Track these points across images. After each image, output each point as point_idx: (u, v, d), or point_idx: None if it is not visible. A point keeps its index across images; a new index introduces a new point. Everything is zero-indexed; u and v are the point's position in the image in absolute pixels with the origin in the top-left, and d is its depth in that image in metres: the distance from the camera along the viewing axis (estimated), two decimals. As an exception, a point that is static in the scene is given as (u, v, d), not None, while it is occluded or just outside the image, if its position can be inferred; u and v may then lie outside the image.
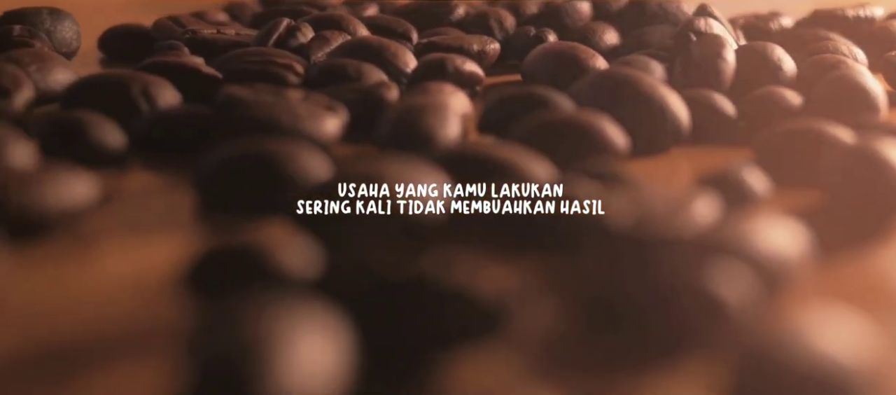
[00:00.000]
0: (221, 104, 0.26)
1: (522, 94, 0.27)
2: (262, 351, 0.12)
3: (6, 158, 0.21)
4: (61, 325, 0.16)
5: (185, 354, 0.13)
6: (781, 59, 0.32)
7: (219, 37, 0.35)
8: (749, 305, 0.15)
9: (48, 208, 0.19)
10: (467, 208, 0.20)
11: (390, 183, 0.19)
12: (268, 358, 0.12)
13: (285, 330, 0.13)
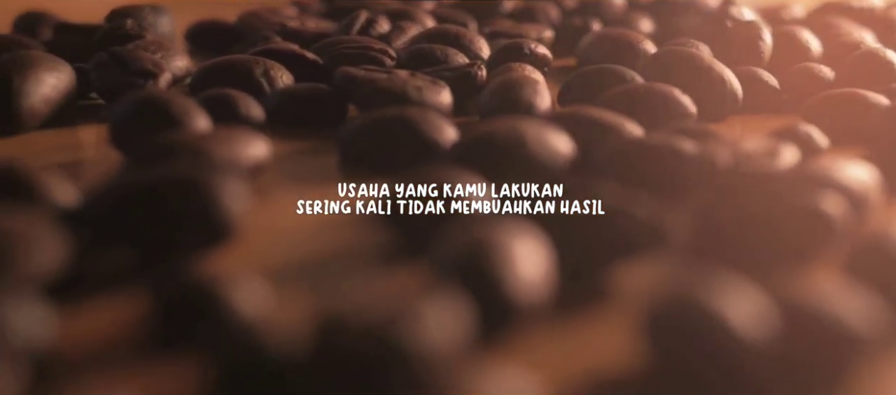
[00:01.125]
0: (341, 82, 0.29)
1: (599, 70, 0.30)
2: (502, 253, 0.15)
3: (192, 123, 0.24)
4: (289, 248, 0.19)
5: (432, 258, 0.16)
6: (809, 41, 0.36)
7: (304, 28, 0.38)
8: (847, 220, 0.19)
9: (242, 162, 0.22)
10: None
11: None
12: (507, 259, 0.15)
13: (513, 239, 0.16)
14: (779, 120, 0.29)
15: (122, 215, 0.18)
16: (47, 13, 0.41)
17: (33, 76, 0.27)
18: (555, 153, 0.22)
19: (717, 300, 0.14)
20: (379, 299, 0.13)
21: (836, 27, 0.39)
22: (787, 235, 0.18)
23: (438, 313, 0.13)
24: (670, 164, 0.22)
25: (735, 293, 0.14)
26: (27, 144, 0.27)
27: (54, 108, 0.28)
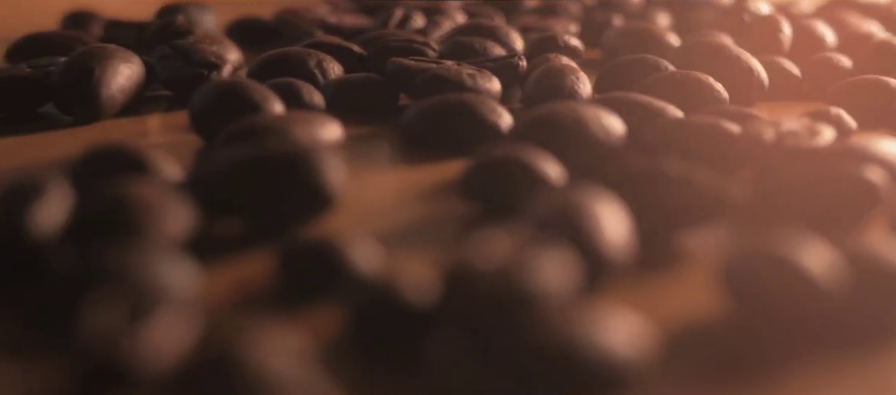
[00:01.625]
0: (394, 71, 0.31)
1: (635, 60, 0.32)
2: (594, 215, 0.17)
3: (270, 108, 0.25)
4: (380, 216, 0.21)
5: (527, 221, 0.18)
6: (824, 32, 0.37)
7: (343, 24, 0.40)
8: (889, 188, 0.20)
9: (316, 142, 0.24)
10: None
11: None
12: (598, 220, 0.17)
13: (600, 204, 0.18)
14: (803, 106, 0.31)
15: (236, 186, 0.19)
16: (93, 11, 0.42)
17: (111, 67, 0.29)
18: (611, 132, 0.24)
19: (794, 252, 0.16)
20: (498, 251, 0.15)
21: (845, 20, 0.41)
22: (836, 201, 0.20)
23: (551, 262, 0.15)
24: (719, 141, 0.23)
25: (807, 246, 0.16)
26: (106, 130, 0.28)
27: (128, 97, 0.29)
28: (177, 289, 0.15)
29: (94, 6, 0.44)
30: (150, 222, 0.17)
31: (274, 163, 0.19)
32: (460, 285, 0.14)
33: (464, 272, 0.14)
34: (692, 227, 0.19)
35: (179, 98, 0.31)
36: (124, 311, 0.14)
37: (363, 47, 0.35)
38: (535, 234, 0.17)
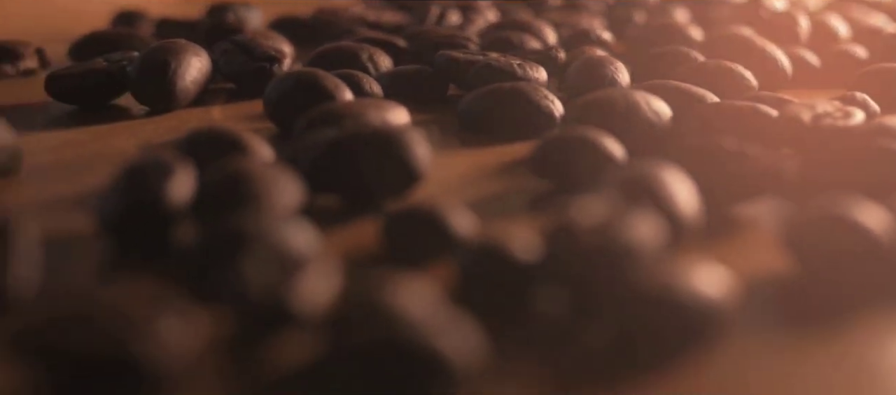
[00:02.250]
0: (444, 63, 0.32)
1: (666, 51, 0.34)
2: (669, 184, 0.19)
3: (342, 96, 0.27)
4: (458, 191, 0.23)
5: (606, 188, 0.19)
6: (838, 26, 0.39)
7: (382, 20, 0.41)
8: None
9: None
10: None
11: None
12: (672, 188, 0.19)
13: (669, 174, 0.19)
14: (825, 94, 0.33)
15: (334, 163, 0.21)
16: (141, 10, 0.44)
17: (185, 61, 0.30)
18: (661, 114, 0.26)
19: (852, 211, 0.17)
20: (596, 212, 0.17)
21: (854, 15, 0.43)
22: (875, 172, 0.22)
23: (641, 222, 0.17)
24: (758, 123, 0.25)
25: (862, 207, 0.18)
26: (179, 120, 0.30)
27: (199, 89, 0.31)
28: (308, 249, 0.17)
29: (140, 6, 0.45)
30: (268, 193, 0.19)
31: (369, 142, 0.21)
32: (565, 240, 0.16)
33: (568, 229, 0.16)
34: (749, 198, 0.21)
35: (241, 90, 0.33)
36: (279, 266, 0.15)
37: (406, 42, 0.37)
38: (620, 200, 0.18)
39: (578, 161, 0.22)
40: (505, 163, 0.26)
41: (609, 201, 0.17)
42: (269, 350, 0.15)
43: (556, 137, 0.23)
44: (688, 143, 0.22)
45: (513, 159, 0.26)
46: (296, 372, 0.14)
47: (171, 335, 0.13)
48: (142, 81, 0.30)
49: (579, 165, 0.22)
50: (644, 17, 0.44)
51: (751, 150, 0.21)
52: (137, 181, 0.18)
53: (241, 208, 0.18)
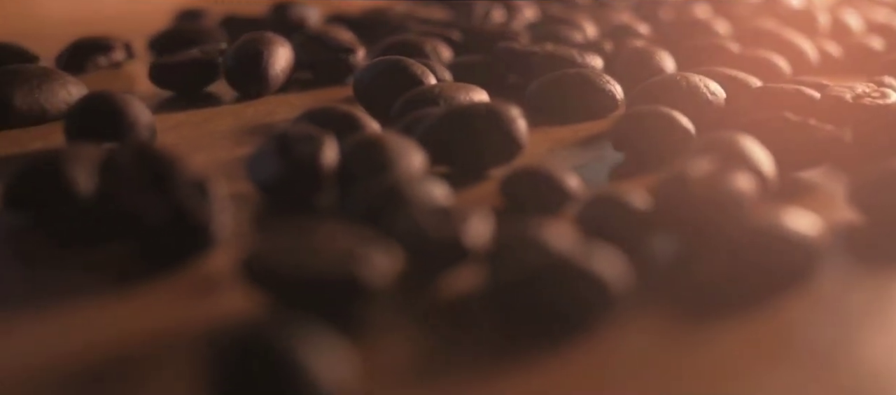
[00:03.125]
0: (503, 54, 0.35)
1: (707, 42, 0.36)
2: (748, 148, 0.21)
3: (428, 80, 0.29)
4: (553, 160, 0.25)
5: (695, 151, 0.22)
6: (850, 21, 0.42)
7: (431, 16, 0.44)
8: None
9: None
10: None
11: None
12: (752, 150, 0.21)
13: (747, 140, 0.22)
14: (851, 79, 0.36)
15: (447, 135, 0.23)
16: (202, 8, 0.46)
17: (275, 51, 0.33)
18: (718, 95, 0.28)
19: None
20: (703, 167, 0.19)
21: (863, 11, 0.45)
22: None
23: (741, 175, 0.19)
24: (803, 102, 0.28)
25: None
26: (269, 105, 0.32)
27: (286, 77, 0.33)
28: (450, 201, 0.19)
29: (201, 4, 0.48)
30: (402, 159, 0.21)
31: (479, 116, 0.24)
32: (679, 189, 0.19)
33: (682, 180, 0.19)
34: (812, 164, 0.24)
35: (317, 78, 0.36)
36: (444, 212, 0.18)
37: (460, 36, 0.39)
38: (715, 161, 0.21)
39: (656, 134, 0.25)
40: (577, 139, 0.28)
41: (711, 160, 0.20)
42: (444, 281, 0.17)
43: (634, 113, 0.25)
44: (754, 116, 0.24)
45: (583, 136, 0.28)
46: (469, 298, 0.17)
47: (380, 261, 0.16)
48: (238, 69, 0.32)
49: (656, 138, 0.25)
50: (671, 12, 0.47)
51: (811, 121, 0.24)
52: (294, 148, 0.21)
53: (382, 172, 0.21)
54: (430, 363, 0.15)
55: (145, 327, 0.16)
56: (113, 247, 0.19)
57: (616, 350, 0.15)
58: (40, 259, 0.19)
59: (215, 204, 0.18)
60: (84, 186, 0.20)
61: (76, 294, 0.17)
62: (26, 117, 0.28)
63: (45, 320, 0.16)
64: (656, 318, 0.16)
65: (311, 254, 0.16)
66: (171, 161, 0.19)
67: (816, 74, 0.36)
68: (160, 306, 0.17)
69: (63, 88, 0.29)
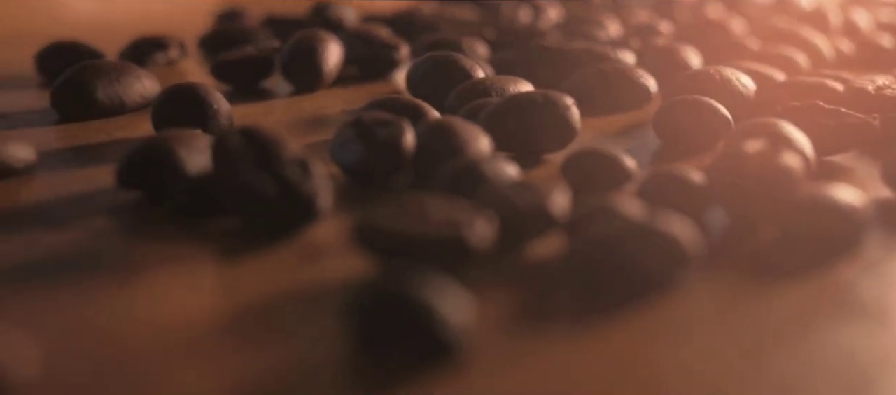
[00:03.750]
0: (537, 51, 0.36)
1: (727, 39, 0.38)
2: (791, 131, 0.23)
3: (477, 74, 0.31)
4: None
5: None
6: (859, 19, 0.44)
7: (461, 17, 0.46)
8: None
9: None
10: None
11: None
12: (795, 133, 0.23)
13: (788, 125, 0.24)
14: (865, 74, 0.37)
15: (508, 122, 0.25)
16: (240, 9, 0.48)
17: (328, 47, 0.34)
18: (748, 87, 0.30)
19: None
20: (755, 145, 0.21)
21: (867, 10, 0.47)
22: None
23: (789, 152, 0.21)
24: (827, 94, 0.30)
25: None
26: (322, 98, 0.34)
27: (338, 72, 0.35)
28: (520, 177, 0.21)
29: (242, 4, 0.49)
30: (472, 142, 0.23)
31: (535, 104, 0.25)
32: (735, 164, 0.20)
33: (738, 155, 0.20)
34: (843, 149, 0.25)
35: (363, 73, 0.37)
36: (527, 186, 0.20)
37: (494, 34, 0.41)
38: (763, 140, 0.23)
39: (696, 121, 0.27)
40: (616, 129, 0.30)
41: (761, 139, 0.22)
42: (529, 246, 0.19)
43: (675, 102, 0.27)
44: (787, 105, 0.26)
45: (620, 126, 0.30)
46: (553, 262, 0.19)
47: (481, 225, 0.17)
48: (294, 65, 0.34)
49: (696, 125, 0.27)
50: (688, 11, 0.49)
51: (843, 109, 0.26)
52: (376, 133, 0.23)
53: (457, 153, 0.23)
54: (521, 320, 0.17)
55: (264, 288, 0.18)
56: (219, 222, 0.21)
57: (689, 307, 0.17)
58: (158, 233, 0.20)
59: (318, 180, 0.20)
60: (192, 166, 0.21)
61: (194, 262, 0.19)
62: (107, 108, 0.30)
63: (173, 284, 0.18)
64: (721, 280, 0.18)
65: (418, 219, 0.18)
66: (275, 142, 0.20)
67: (832, 70, 0.38)
68: (274, 272, 0.18)
69: (138, 81, 0.30)
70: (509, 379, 0.14)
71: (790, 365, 0.15)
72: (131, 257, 0.19)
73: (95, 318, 0.16)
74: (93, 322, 0.16)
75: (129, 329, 0.16)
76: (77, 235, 0.20)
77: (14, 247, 0.20)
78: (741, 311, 0.17)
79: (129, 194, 0.22)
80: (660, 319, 0.17)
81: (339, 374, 0.15)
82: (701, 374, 0.15)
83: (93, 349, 0.15)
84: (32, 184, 0.23)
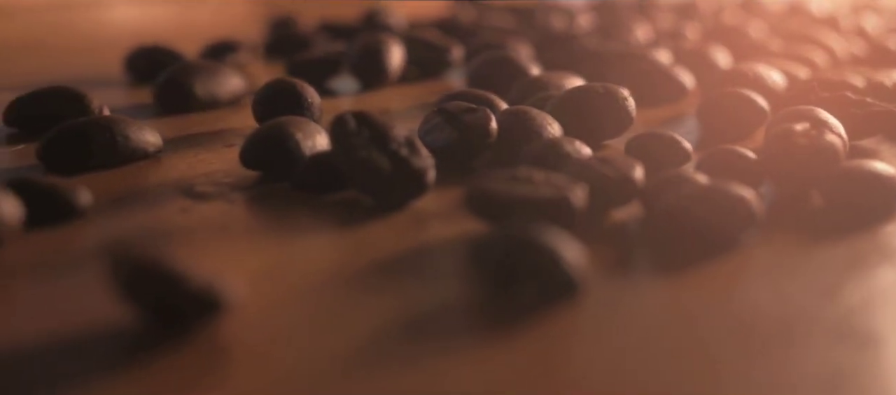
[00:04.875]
0: (581, 51, 0.39)
1: (751, 41, 0.41)
2: (828, 116, 0.26)
3: (533, 70, 0.34)
4: (649, 135, 0.29)
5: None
6: (866, 24, 0.47)
7: (503, 25, 0.48)
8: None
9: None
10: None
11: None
12: (831, 119, 0.26)
13: (824, 113, 0.26)
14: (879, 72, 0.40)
15: (570, 111, 0.28)
16: (292, 16, 0.50)
17: (392, 48, 0.37)
18: (779, 83, 0.33)
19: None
20: (802, 126, 0.23)
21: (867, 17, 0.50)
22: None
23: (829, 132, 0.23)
24: (850, 88, 0.32)
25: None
26: (386, 95, 0.36)
27: (401, 71, 0.37)
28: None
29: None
30: (547, 128, 0.26)
31: (597, 95, 0.28)
32: (784, 141, 0.23)
33: (788, 134, 0.23)
34: (868, 134, 0.28)
35: (422, 72, 0.40)
36: (611, 159, 0.22)
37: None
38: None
39: (737, 111, 0.29)
40: (657, 120, 0.32)
41: (805, 121, 0.24)
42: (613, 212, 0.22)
43: (718, 94, 0.30)
44: (818, 96, 0.29)
45: (661, 118, 0.33)
46: (633, 223, 0.21)
47: (580, 190, 0.20)
48: (362, 64, 0.36)
49: (737, 114, 0.29)
50: (709, 16, 0.51)
51: (869, 99, 0.28)
52: (463, 119, 0.25)
53: (535, 137, 0.25)
54: (612, 271, 0.19)
55: (386, 248, 0.20)
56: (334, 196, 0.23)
57: (753, 261, 0.20)
58: (282, 205, 0.23)
59: (425, 157, 0.22)
60: (307, 148, 0.24)
61: (321, 228, 0.21)
62: (203, 103, 0.32)
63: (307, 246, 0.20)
64: (779, 239, 0.21)
65: (524, 185, 0.20)
66: (386, 124, 0.23)
67: (848, 68, 0.41)
68: (391, 235, 0.21)
69: (227, 79, 0.33)
70: (609, 320, 0.17)
71: (849, 298, 0.17)
72: (265, 223, 0.22)
73: (259, 267, 0.19)
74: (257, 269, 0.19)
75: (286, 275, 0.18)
76: (217, 206, 0.23)
77: (166, 214, 0.22)
78: (799, 262, 0.19)
79: (249, 173, 0.25)
80: (729, 270, 0.19)
81: (470, 311, 0.17)
82: (770, 309, 0.17)
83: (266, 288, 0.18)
84: (162, 165, 0.26)
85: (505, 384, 0.14)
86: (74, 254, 0.20)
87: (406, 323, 0.16)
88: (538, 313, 0.17)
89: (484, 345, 0.16)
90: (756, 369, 0.15)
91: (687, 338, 0.16)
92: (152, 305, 0.15)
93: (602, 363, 0.15)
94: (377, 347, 0.15)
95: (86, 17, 0.65)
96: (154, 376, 0.14)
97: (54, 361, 0.15)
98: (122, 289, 0.15)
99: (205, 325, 0.16)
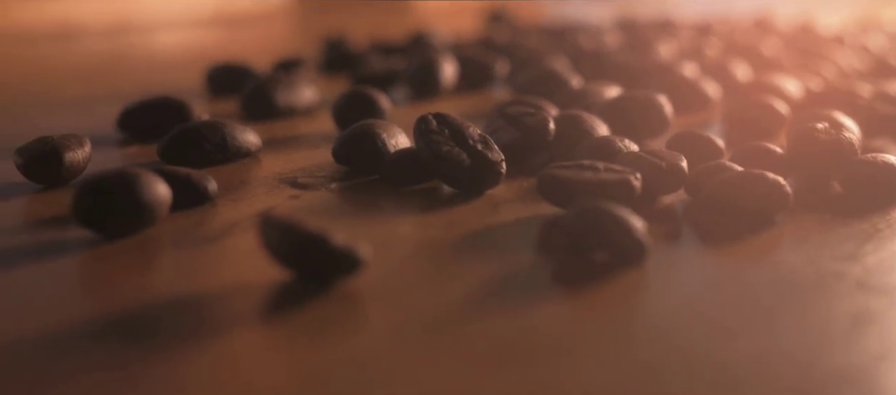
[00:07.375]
0: (616, 66, 0.42)
1: (767, 56, 0.44)
2: (844, 118, 0.29)
3: (577, 82, 0.37)
4: (682, 136, 0.32)
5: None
6: (868, 41, 0.49)
7: (532, 46, 0.51)
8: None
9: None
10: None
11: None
12: (847, 120, 0.28)
13: (841, 115, 0.29)
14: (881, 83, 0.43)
15: (614, 115, 0.30)
16: (342, 36, 0.53)
17: (444, 64, 0.40)
18: (796, 91, 0.35)
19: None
20: (824, 124, 0.26)
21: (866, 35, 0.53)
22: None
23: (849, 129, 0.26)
24: (861, 95, 0.35)
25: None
26: (439, 103, 0.39)
27: (453, 84, 0.40)
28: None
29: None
30: (597, 126, 0.28)
31: (637, 101, 0.31)
32: (808, 138, 0.26)
33: (811, 131, 0.26)
34: (880, 134, 0.31)
35: (470, 85, 0.43)
36: (658, 151, 0.25)
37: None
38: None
39: (758, 115, 0.32)
40: (688, 124, 0.35)
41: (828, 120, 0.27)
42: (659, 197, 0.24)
43: (743, 101, 0.33)
44: (830, 101, 0.32)
45: (691, 122, 0.35)
46: (677, 206, 0.24)
47: (637, 178, 0.23)
48: (418, 77, 0.39)
49: (758, 118, 0.32)
50: (725, 33, 0.54)
51: (877, 104, 0.31)
52: (524, 120, 0.28)
53: (585, 136, 0.28)
54: (661, 248, 0.22)
55: (466, 227, 0.23)
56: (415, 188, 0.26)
57: (787, 235, 0.22)
58: (369, 195, 0.26)
59: (498, 152, 0.25)
60: (390, 146, 0.27)
61: (408, 213, 0.24)
62: (283, 111, 0.35)
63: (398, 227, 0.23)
64: (806, 219, 0.23)
65: (589, 171, 0.23)
66: (463, 123, 0.26)
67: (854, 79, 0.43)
68: (470, 217, 0.24)
69: (302, 90, 0.36)
70: (672, 279, 0.20)
71: (868, 260, 0.20)
72: (364, 208, 0.25)
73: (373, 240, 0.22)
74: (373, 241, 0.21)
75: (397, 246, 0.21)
76: (320, 194, 0.26)
77: (279, 200, 0.25)
78: (828, 234, 0.22)
79: (339, 168, 0.28)
80: (767, 241, 0.22)
81: (550, 274, 0.20)
82: (803, 269, 0.20)
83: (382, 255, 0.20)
84: (262, 162, 0.29)
85: (588, 329, 0.17)
86: (215, 229, 0.22)
87: (501, 280, 0.19)
88: (608, 276, 0.19)
89: (565, 299, 0.19)
90: (795, 312, 0.18)
91: (736, 291, 0.19)
92: (302, 263, 0.18)
93: (669, 313, 0.18)
94: (481, 297, 0.18)
95: (141, 42, 0.69)
96: (301, 320, 0.17)
97: (211, 313, 0.18)
98: (275, 251, 0.18)
99: (342, 280, 0.19)
